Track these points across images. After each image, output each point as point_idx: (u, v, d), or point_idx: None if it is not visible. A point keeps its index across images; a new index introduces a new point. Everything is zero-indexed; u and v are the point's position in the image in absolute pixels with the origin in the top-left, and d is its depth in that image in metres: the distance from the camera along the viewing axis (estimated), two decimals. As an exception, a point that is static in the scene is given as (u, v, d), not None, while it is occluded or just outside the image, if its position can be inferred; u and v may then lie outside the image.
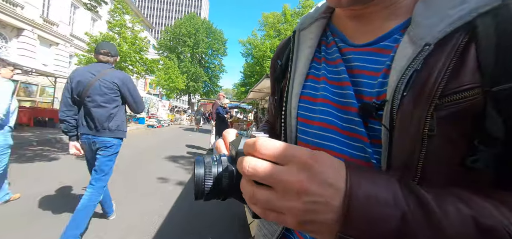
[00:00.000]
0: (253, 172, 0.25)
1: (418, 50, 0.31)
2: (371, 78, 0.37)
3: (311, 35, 0.48)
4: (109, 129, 2.10)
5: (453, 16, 0.30)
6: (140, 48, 12.59)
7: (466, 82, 0.28)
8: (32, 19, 14.56)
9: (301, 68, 0.46)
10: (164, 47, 33.07)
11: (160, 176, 4.32)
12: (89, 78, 2.04)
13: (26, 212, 2.57)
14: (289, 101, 0.46)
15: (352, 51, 0.41)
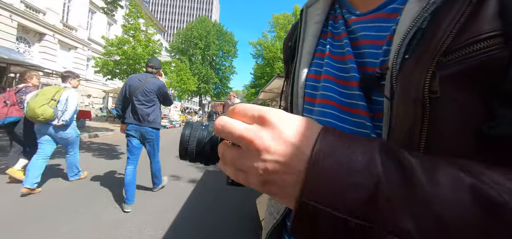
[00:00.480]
0: (220, 128, 0.25)
1: (424, 5, 0.27)
2: (375, 48, 0.35)
3: (317, 11, 0.46)
4: (148, 121, 2.79)
5: None
6: (153, 50, 12.93)
7: (483, 31, 0.23)
8: (53, 25, 15.31)
9: (308, 46, 0.45)
10: (176, 49, 33.80)
11: (173, 174, 4.38)
12: (137, 83, 2.77)
13: (49, 203, 2.68)
14: (296, 80, 0.45)
15: (356, 21, 0.39)
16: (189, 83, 23.40)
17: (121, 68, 12.09)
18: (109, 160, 4.98)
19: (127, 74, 12.28)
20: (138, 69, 12.22)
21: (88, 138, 7.55)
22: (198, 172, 4.77)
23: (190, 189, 3.69)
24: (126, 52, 11.61)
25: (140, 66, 12.23)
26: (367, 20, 0.37)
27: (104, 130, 9.22)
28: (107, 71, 12.16)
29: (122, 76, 12.37)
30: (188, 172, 4.68)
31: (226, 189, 3.89)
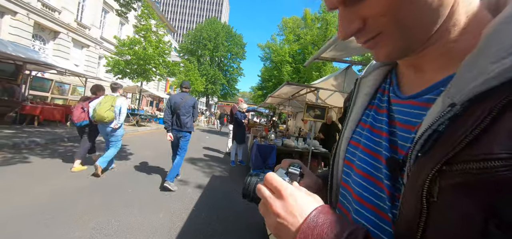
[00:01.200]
0: (260, 194, 0.39)
1: (442, 110, 0.28)
2: (407, 132, 0.36)
3: (368, 83, 0.49)
4: (186, 127, 3.87)
5: (491, 73, 0.25)
6: (163, 51, 13.09)
7: (494, 152, 0.23)
8: (68, 23, 15.70)
9: (355, 114, 0.49)
10: (185, 50, 34.16)
11: (180, 179, 4.40)
12: (179, 101, 3.86)
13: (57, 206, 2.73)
14: (340, 144, 0.50)
15: (398, 103, 0.40)
16: (197, 84, 23.59)
17: (132, 68, 12.28)
18: (119, 161, 5.04)
19: (137, 74, 12.46)
20: (148, 69, 12.39)
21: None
22: (204, 177, 4.78)
23: (197, 195, 3.70)
24: (137, 52, 11.79)
25: (150, 67, 12.40)
26: (406, 104, 0.38)
27: (114, 129, 9.39)
28: (118, 71, 12.37)
29: (132, 75, 12.56)
30: (195, 177, 4.70)
31: (233, 195, 3.88)
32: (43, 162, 4.32)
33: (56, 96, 10.78)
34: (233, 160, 6.10)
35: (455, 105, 0.27)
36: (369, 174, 0.40)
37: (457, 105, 0.27)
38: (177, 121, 3.84)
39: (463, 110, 0.27)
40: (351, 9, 0.33)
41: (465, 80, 0.27)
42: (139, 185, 3.79)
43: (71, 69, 9.64)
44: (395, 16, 0.30)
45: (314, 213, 0.33)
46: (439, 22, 0.31)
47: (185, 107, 3.86)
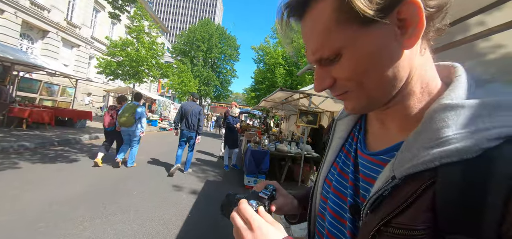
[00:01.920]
0: (233, 222, 0.47)
1: (388, 179, 0.35)
2: (367, 184, 0.42)
3: (343, 127, 0.56)
4: (193, 129, 5.01)
5: (420, 159, 0.32)
6: (156, 53, 12.99)
7: (415, 223, 0.30)
8: (57, 22, 15.36)
9: (330, 156, 0.55)
10: (178, 51, 33.88)
11: (174, 184, 4.42)
12: (188, 108, 4.98)
13: (45, 217, 2.71)
14: (318, 180, 0.56)
15: (362, 156, 0.46)
16: (190, 85, 23.44)
17: (124, 70, 12.13)
18: (111, 166, 5.00)
19: (129, 75, 12.31)
20: (141, 71, 12.25)
21: (89, 140, 7.57)
22: (199, 182, 4.81)
23: (192, 201, 3.74)
24: (130, 54, 11.66)
25: (143, 69, 12.27)
26: (368, 160, 0.45)
27: (105, 131, 9.24)
28: (110, 72, 12.19)
29: (124, 77, 12.40)
30: (189, 182, 4.72)
31: (227, 202, 3.94)
32: (34, 167, 4.26)
33: (45, 98, 10.51)
34: (226, 164, 6.12)
35: (395, 179, 0.34)
36: (337, 214, 0.47)
37: (397, 179, 0.34)
38: (187, 124, 4.96)
39: (401, 182, 0.33)
40: (324, 69, 0.40)
41: (404, 159, 0.34)
42: (132, 192, 3.79)
43: (61, 71, 9.44)
44: (358, 81, 0.37)
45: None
46: (394, 92, 0.38)
47: (193, 113, 4.97)
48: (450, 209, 0.28)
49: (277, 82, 23.63)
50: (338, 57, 0.37)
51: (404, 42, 0.35)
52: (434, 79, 0.40)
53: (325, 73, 0.40)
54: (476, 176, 0.28)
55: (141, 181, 4.37)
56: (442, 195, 0.29)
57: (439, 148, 0.31)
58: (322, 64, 0.40)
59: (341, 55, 0.36)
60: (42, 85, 10.68)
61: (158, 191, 3.96)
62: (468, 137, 0.30)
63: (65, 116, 9.11)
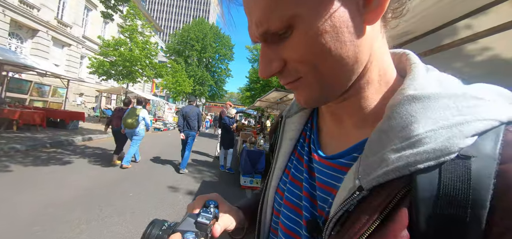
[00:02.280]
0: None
1: (353, 191, 0.29)
2: (325, 193, 0.36)
3: (293, 126, 0.46)
4: (194, 129, 5.44)
5: (391, 165, 0.27)
6: (149, 53, 12.87)
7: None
8: (47, 21, 15.02)
9: (280, 161, 0.46)
10: (172, 50, 33.60)
11: (170, 185, 4.42)
12: (188, 111, 5.41)
13: (42, 219, 2.69)
14: (267, 192, 0.47)
15: (318, 161, 0.39)
16: (184, 85, 23.29)
17: (117, 70, 11.97)
18: (106, 168, 4.96)
19: (122, 76, 12.16)
20: (135, 71, 12.12)
21: (82, 142, 7.46)
22: (195, 183, 4.82)
23: (189, 202, 3.73)
24: (123, 53, 11.52)
25: (136, 69, 12.14)
26: (325, 165, 0.38)
27: (98, 132, 9.11)
28: (103, 72, 12.02)
29: (117, 77, 12.24)
30: (185, 183, 4.72)
31: (224, 202, 3.97)
32: (26, 170, 4.18)
33: (36, 99, 10.31)
34: (222, 164, 6.11)
35: (362, 190, 0.28)
36: (291, 230, 0.40)
37: (364, 190, 0.28)
38: (187, 125, 5.43)
39: (367, 195, 0.28)
40: (271, 48, 0.31)
41: (371, 164, 0.29)
42: (128, 193, 3.77)
43: (51, 71, 9.26)
44: (312, 64, 0.30)
45: None
46: (353, 78, 0.32)
47: (193, 115, 5.47)
48: (431, 226, 0.24)
49: (272, 81, 23.73)
50: (290, 32, 0.29)
51: (366, 16, 0.29)
52: (390, 66, 0.36)
53: (273, 54, 0.31)
54: (459, 183, 0.24)
55: (137, 182, 4.35)
56: (421, 209, 0.25)
57: (411, 149, 0.26)
58: (268, 42, 0.31)
59: (293, 29, 0.28)
60: (32, 86, 10.46)
61: (154, 192, 3.95)
62: (442, 134, 0.26)
63: (57, 118, 8.94)
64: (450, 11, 1.72)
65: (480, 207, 0.23)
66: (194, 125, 5.43)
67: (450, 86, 0.30)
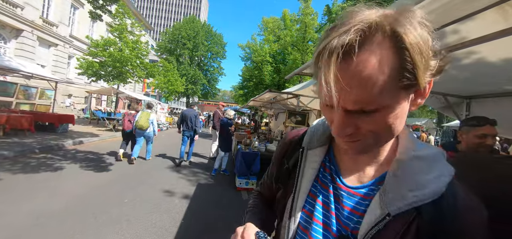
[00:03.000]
0: None
1: (382, 217, 0.42)
2: (351, 214, 0.48)
3: (315, 158, 0.57)
4: (192, 129, 6.48)
5: (408, 200, 0.41)
6: (140, 52, 12.62)
7: None
8: (32, 20, 14.51)
9: (305, 186, 0.55)
10: (163, 49, 33.06)
11: (165, 189, 4.39)
12: (188, 113, 6.52)
13: (37, 230, 2.63)
14: (294, 211, 0.55)
15: (344, 189, 0.51)
16: (176, 84, 23.01)
17: (107, 70, 11.70)
18: (99, 173, 4.88)
19: (112, 76, 11.90)
20: (125, 72, 11.88)
21: (73, 146, 7.30)
22: (190, 186, 4.80)
23: (185, 206, 3.74)
24: (113, 54, 11.26)
25: (127, 69, 11.90)
26: (351, 193, 0.50)
27: (89, 135, 8.92)
28: (92, 73, 11.72)
29: (107, 78, 11.96)
30: (181, 186, 4.70)
31: (220, 203, 3.98)
32: (15, 178, 4.07)
33: (22, 102, 9.98)
34: (215, 168, 5.81)
35: (390, 216, 0.42)
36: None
37: (391, 216, 0.42)
38: (186, 126, 6.48)
39: (393, 219, 0.42)
40: (350, 116, 0.40)
41: (393, 198, 0.43)
42: (123, 199, 3.73)
43: (37, 73, 8.96)
44: (379, 134, 0.42)
45: None
46: (392, 139, 0.48)
47: (192, 117, 6.50)
48: (430, 236, 0.41)
49: (265, 79, 23.73)
50: (376, 112, 0.38)
51: (412, 106, 0.43)
52: None
53: (349, 121, 0.40)
54: (443, 211, 0.41)
55: (132, 186, 4.30)
56: (424, 227, 0.41)
57: (419, 191, 0.42)
58: (348, 113, 0.39)
59: (377, 111, 0.38)
60: (18, 89, 10.13)
61: (149, 197, 3.92)
62: (433, 182, 0.42)
63: (46, 121, 8.69)
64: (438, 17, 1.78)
65: (457, 224, 0.41)
66: (190, 125, 6.50)
67: (428, 149, 0.47)
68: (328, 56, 0.36)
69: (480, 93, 2.68)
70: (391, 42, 0.35)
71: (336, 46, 0.35)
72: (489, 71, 2.20)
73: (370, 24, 0.35)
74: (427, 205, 0.41)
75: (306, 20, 20.34)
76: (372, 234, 0.42)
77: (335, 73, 0.36)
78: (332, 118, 0.43)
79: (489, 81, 2.38)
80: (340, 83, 0.36)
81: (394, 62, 0.35)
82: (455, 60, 2.25)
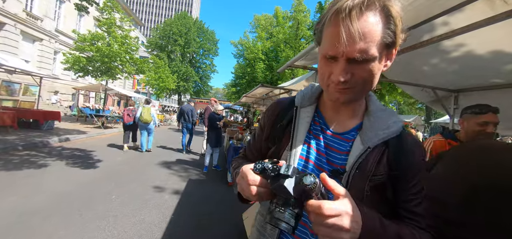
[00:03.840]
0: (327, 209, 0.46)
1: (365, 149, 0.59)
2: (337, 154, 0.64)
3: (307, 114, 0.70)
4: (190, 121, 7.78)
5: (380, 136, 0.60)
6: (130, 47, 12.32)
7: (381, 171, 0.59)
8: (15, 13, 13.91)
9: (300, 137, 0.68)
10: (154, 45, 32.41)
11: (155, 185, 4.30)
12: (186, 109, 7.78)
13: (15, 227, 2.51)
14: (293, 158, 0.66)
15: (330, 135, 0.67)
16: (167, 81, 22.63)
17: (95, 66, 11.36)
18: (86, 170, 4.72)
19: (101, 72, 11.57)
20: (114, 67, 11.58)
21: (59, 143, 7.05)
22: (181, 181, 4.72)
23: (175, 202, 3.66)
24: (101, 49, 10.94)
25: (116, 65, 11.60)
26: (336, 138, 0.66)
27: (76, 132, 8.64)
28: (79, 69, 11.35)
29: (95, 74, 11.63)
30: (171, 182, 4.61)
31: (211, 199, 3.93)
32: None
33: (4, 98, 9.57)
34: (206, 165, 5.72)
35: (370, 148, 0.59)
36: None
37: (371, 148, 0.59)
38: (185, 118, 7.63)
39: (371, 150, 0.59)
40: (349, 66, 0.52)
41: (370, 136, 0.61)
42: (111, 196, 3.62)
43: (21, 68, 8.60)
44: (367, 82, 0.55)
45: (363, 219, 0.51)
46: None
47: (189, 111, 7.66)
48: (393, 160, 0.59)
49: (257, 77, 23.67)
50: (368, 61, 0.51)
51: (383, 67, 0.58)
52: None
53: (348, 68, 0.52)
54: (401, 143, 0.61)
55: (121, 183, 4.18)
56: (390, 153, 0.60)
57: (387, 130, 0.61)
58: (350, 62, 0.52)
59: (370, 63, 0.52)
60: (0, 84, 9.70)
61: (138, 194, 3.82)
62: (394, 125, 0.62)
63: (29, 118, 8.35)
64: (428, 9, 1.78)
65: (408, 151, 0.61)
66: (187, 118, 7.64)
67: (387, 108, 0.66)
68: (343, 13, 0.49)
69: (468, 86, 2.73)
70: (382, 11, 0.51)
71: (353, 5, 0.48)
72: (477, 64, 2.23)
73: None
74: (392, 139, 0.60)
75: (298, 17, 20.38)
76: (357, 164, 0.58)
77: (348, 26, 0.49)
78: (330, 70, 0.55)
79: (477, 75, 2.43)
80: (350, 34, 0.49)
81: (384, 23, 0.51)
82: (444, 53, 2.27)
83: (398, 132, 0.61)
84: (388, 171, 0.58)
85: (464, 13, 1.74)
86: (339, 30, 0.49)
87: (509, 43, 1.78)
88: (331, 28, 0.51)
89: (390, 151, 0.59)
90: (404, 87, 3.43)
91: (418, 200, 0.60)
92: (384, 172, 0.58)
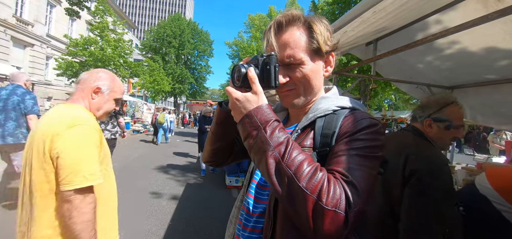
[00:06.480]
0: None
1: (296, 131, 0.67)
2: None
3: (279, 116, 0.80)
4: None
5: (309, 119, 0.66)
6: (123, 51, 12.19)
7: (308, 145, 0.63)
8: (4, 19, 13.63)
9: None
10: (148, 47, 32.12)
11: (152, 191, 4.25)
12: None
13: None
14: None
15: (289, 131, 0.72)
16: (163, 84, 22.45)
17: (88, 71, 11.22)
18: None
19: (95, 76, 11.42)
20: (108, 72, 11.45)
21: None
22: (179, 186, 4.68)
23: (173, 207, 3.62)
24: (94, 53, 10.80)
25: (110, 69, 11.47)
26: (289, 132, 0.69)
27: (70, 139, 8.51)
28: (72, 74, 11.20)
29: (89, 79, 11.47)
30: (169, 187, 4.57)
31: (210, 204, 3.89)
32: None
33: (-5, 106, 9.35)
34: (203, 169, 5.71)
35: (299, 130, 0.67)
36: None
37: (299, 130, 0.67)
38: None
39: (301, 130, 0.67)
40: (286, 71, 0.64)
41: (303, 121, 0.67)
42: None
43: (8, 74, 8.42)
44: (304, 84, 0.66)
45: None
46: (315, 96, 0.71)
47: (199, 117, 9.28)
48: (318, 137, 0.62)
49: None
50: (299, 66, 0.64)
51: (325, 72, 0.70)
52: (321, 90, 0.73)
53: (285, 73, 0.64)
54: (329, 121, 0.63)
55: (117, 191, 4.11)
56: (316, 134, 0.63)
57: (316, 112, 0.66)
58: (284, 67, 0.64)
59: (300, 66, 0.63)
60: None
61: (135, 199, 3.77)
62: (325, 106, 0.66)
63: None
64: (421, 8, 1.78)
65: (335, 129, 0.61)
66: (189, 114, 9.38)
67: (339, 96, 0.72)
68: (270, 30, 0.66)
69: (462, 83, 2.75)
70: (305, 24, 0.65)
71: (281, 22, 0.65)
72: (470, 60, 2.24)
73: (295, 15, 0.65)
74: (319, 118, 0.65)
75: (292, 17, 20.40)
76: (293, 139, 0.64)
77: (278, 37, 0.65)
78: None
79: (471, 71, 2.44)
80: (279, 43, 0.64)
81: (306, 34, 0.64)
82: (438, 50, 2.28)
83: (327, 110, 0.65)
84: (313, 147, 0.62)
85: (457, 11, 1.74)
86: (272, 42, 0.64)
87: (501, 39, 1.78)
88: (268, 40, 0.66)
89: (314, 128, 0.64)
90: (399, 85, 3.44)
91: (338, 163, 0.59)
92: (311, 146, 0.63)
